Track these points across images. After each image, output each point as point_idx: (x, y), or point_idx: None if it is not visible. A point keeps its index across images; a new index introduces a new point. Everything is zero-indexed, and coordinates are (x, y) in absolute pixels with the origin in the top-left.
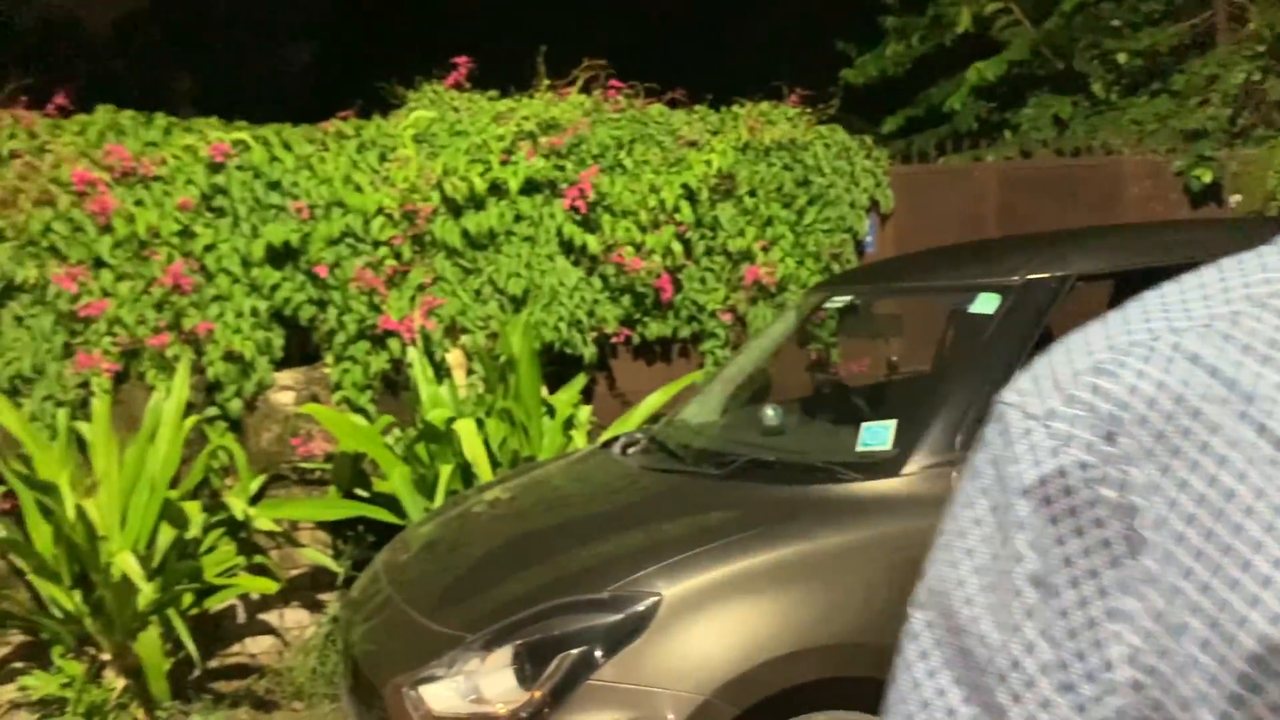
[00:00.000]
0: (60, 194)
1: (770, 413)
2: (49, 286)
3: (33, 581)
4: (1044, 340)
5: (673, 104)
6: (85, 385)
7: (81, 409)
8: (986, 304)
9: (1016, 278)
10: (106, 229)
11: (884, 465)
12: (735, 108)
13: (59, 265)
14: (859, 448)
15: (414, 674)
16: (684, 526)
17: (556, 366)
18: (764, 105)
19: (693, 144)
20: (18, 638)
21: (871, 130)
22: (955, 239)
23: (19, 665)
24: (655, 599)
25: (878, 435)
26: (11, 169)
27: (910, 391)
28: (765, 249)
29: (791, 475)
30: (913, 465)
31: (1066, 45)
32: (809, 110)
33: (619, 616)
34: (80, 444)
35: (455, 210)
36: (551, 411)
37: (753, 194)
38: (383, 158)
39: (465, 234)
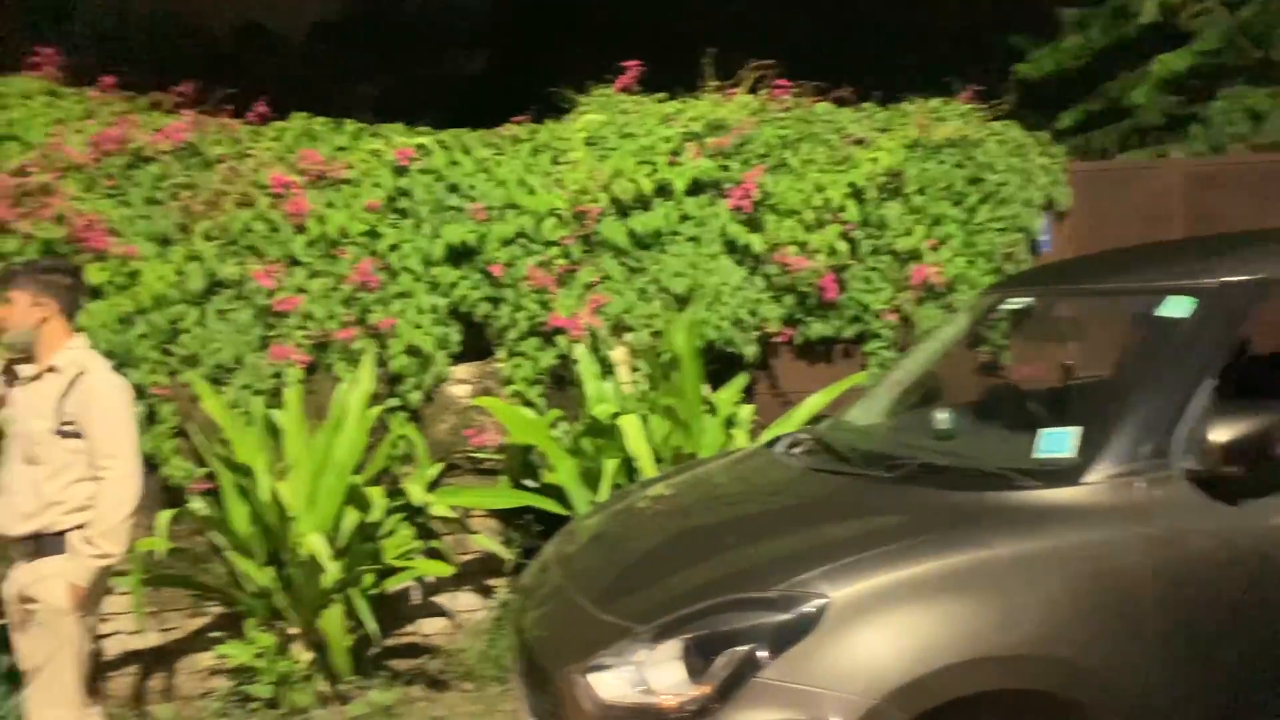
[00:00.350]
0: (259, 196)
1: (942, 416)
2: (248, 283)
3: (230, 557)
4: (1240, 347)
5: (840, 102)
6: (279, 375)
7: (275, 397)
8: (1177, 307)
9: (1211, 280)
10: (300, 229)
11: (1065, 473)
12: (904, 105)
13: (258, 263)
14: (1037, 454)
15: (585, 662)
16: (852, 529)
17: (718, 365)
18: (934, 102)
19: (860, 142)
20: (216, 609)
21: (1047, 126)
22: (1137, 239)
23: (216, 635)
24: (823, 600)
25: (1058, 442)
26: (217, 173)
27: (1092, 397)
28: (934, 248)
29: (965, 480)
30: (1096, 474)
31: (1265, 33)
32: (981, 106)
33: (787, 616)
34: (274, 430)
35: (623, 211)
36: (713, 409)
37: (921, 192)
38: (555, 160)
39: (632, 234)
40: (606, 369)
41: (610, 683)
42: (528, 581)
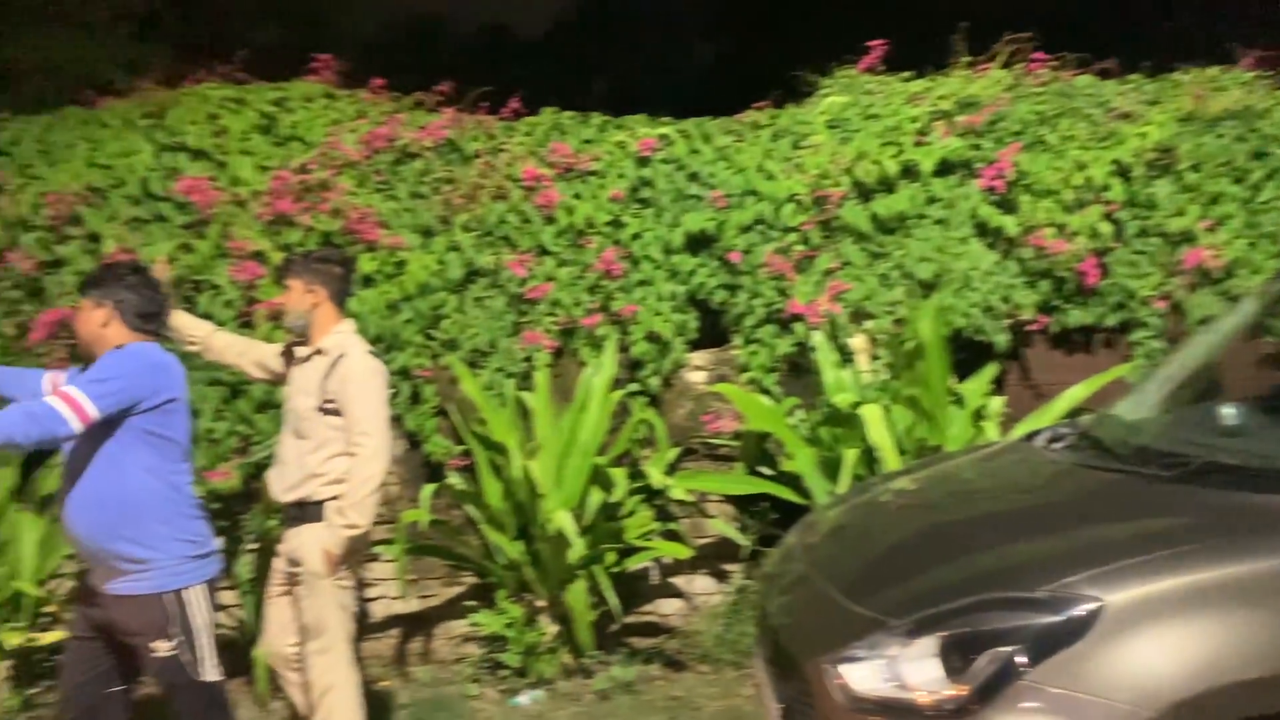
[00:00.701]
0: (513, 189)
1: (1228, 411)
2: (502, 271)
3: (483, 530)
4: None
5: (1104, 74)
6: (529, 359)
7: (525, 380)
8: None
9: None
10: (550, 220)
11: None
12: (1177, 75)
13: (511, 252)
14: None
15: (836, 652)
16: (1128, 529)
17: (966, 354)
18: (1211, 71)
19: (1126, 116)
20: (470, 579)
21: None
22: None
23: (470, 604)
24: (1097, 604)
25: None
26: (474, 167)
27: None
28: (1210, 229)
29: (1260, 481)
30: None
31: None
32: (1268, 74)
33: (1056, 618)
34: (524, 411)
35: (865, 194)
36: (960, 401)
37: (1196, 169)
38: (795, 145)
39: (874, 218)
40: (845, 357)
41: (862, 675)
42: (771, 569)
